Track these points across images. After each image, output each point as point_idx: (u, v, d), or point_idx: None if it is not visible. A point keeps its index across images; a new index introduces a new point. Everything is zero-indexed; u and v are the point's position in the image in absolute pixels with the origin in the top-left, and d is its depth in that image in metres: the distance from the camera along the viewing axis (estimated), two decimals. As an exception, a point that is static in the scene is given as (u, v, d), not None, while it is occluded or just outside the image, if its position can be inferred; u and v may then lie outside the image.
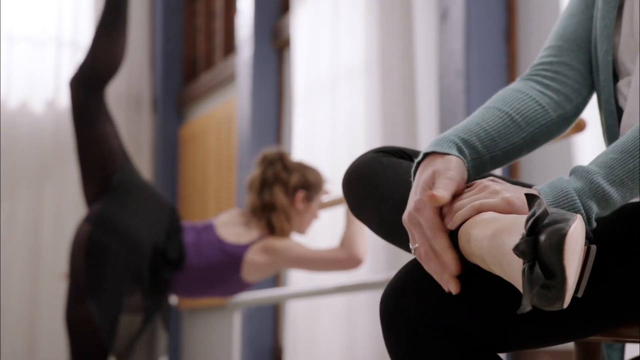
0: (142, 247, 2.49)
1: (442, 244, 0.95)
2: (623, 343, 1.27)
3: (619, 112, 1.14)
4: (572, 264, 0.85)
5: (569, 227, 0.85)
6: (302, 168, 2.75)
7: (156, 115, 6.69)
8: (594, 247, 0.90)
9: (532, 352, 2.97)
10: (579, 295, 0.90)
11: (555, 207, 0.94)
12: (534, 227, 0.86)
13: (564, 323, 0.98)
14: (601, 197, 0.95)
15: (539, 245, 0.85)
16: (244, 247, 2.62)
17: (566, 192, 0.95)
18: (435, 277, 0.97)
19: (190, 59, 6.52)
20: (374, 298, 3.47)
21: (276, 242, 2.62)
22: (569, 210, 0.94)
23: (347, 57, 3.92)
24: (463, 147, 1.06)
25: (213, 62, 6.17)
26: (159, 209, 2.58)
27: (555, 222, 0.86)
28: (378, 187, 1.13)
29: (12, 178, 6.17)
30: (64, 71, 6.39)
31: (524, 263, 0.86)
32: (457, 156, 1.03)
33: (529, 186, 1.05)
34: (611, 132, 1.15)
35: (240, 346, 3.59)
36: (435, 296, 0.98)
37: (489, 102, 1.15)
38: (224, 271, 2.60)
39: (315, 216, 2.71)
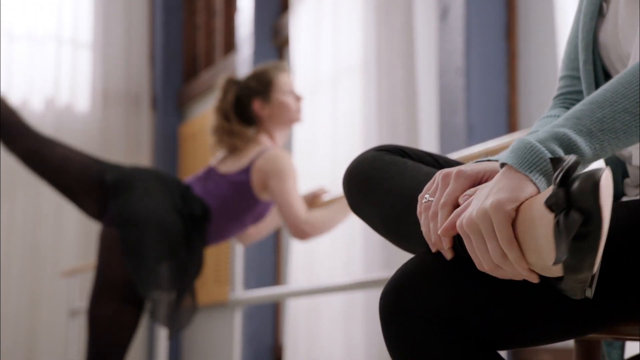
0: (171, 222, 2.56)
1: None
2: (623, 341, 1.27)
3: None
4: (607, 207, 0.84)
5: (602, 173, 0.84)
6: (247, 79, 2.81)
7: (156, 113, 6.68)
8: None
9: (533, 349, 2.97)
10: (595, 270, 0.87)
11: (524, 162, 0.91)
12: (565, 179, 0.85)
13: (564, 320, 0.98)
14: (567, 145, 0.92)
15: (572, 193, 0.84)
16: (246, 170, 2.70)
17: (529, 144, 0.92)
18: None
19: (190, 57, 6.52)
20: (373, 297, 3.48)
21: (270, 161, 2.69)
22: (538, 162, 0.91)
23: (347, 55, 3.92)
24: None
25: (213, 60, 6.16)
26: (162, 182, 2.66)
27: (583, 173, 0.85)
28: (382, 183, 1.13)
29: (12, 177, 6.17)
30: (64, 69, 6.39)
31: (556, 216, 0.85)
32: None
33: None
34: None
35: (240, 344, 3.59)
36: (435, 293, 0.98)
37: (538, 128, 1.16)
38: (240, 200, 2.69)
39: (285, 105, 2.74)
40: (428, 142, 3.64)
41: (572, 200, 0.84)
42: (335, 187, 3.44)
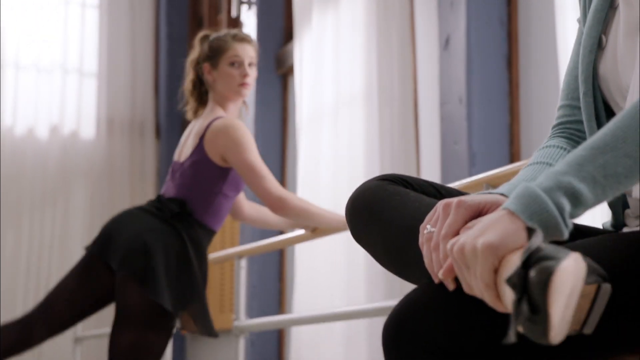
0: (160, 235, 2.54)
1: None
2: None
3: None
4: (557, 303, 0.84)
5: (558, 265, 0.84)
6: (207, 42, 2.76)
7: (160, 141, 6.72)
8: (606, 286, 0.88)
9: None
10: (587, 332, 0.89)
11: (526, 211, 0.93)
12: (528, 261, 0.87)
13: (567, 351, 0.98)
14: (571, 194, 0.92)
15: (528, 280, 0.85)
16: (198, 147, 2.63)
17: (534, 194, 0.93)
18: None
19: (194, 86, 6.56)
20: (376, 324, 3.48)
21: (219, 133, 2.60)
22: (540, 212, 0.92)
23: (349, 84, 3.96)
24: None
25: (217, 89, 6.20)
26: (136, 210, 2.65)
27: (548, 257, 0.86)
28: (384, 213, 1.14)
29: (18, 204, 6.20)
30: (69, 97, 6.44)
31: (514, 295, 0.87)
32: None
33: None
34: None
35: (244, 372, 3.59)
36: (438, 324, 0.98)
37: (538, 159, 1.17)
38: (207, 176, 2.60)
39: (227, 74, 2.68)
40: (430, 171, 3.67)
41: (527, 288, 0.86)
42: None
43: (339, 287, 3.67)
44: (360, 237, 1.20)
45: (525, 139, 3.29)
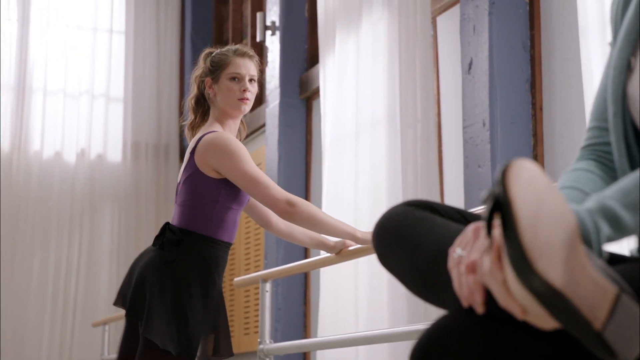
0: (167, 268, 2.49)
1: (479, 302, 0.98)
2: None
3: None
4: (515, 189, 0.89)
5: (514, 161, 0.90)
6: (203, 60, 2.74)
7: (187, 157, 6.76)
8: (627, 299, 0.89)
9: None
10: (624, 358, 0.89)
11: None
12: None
13: None
14: (612, 218, 0.96)
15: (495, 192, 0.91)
16: (190, 163, 2.58)
17: (577, 213, 0.97)
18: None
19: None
20: (399, 348, 3.48)
21: (209, 147, 2.54)
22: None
23: (372, 108, 3.98)
24: None
25: (241, 113, 6.25)
26: (146, 249, 2.64)
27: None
28: (412, 239, 1.15)
29: (46, 226, 6.27)
30: (96, 122, 6.53)
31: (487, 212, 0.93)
32: None
33: None
34: None
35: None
36: (466, 352, 0.98)
37: (566, 183, 1.18)
38: (203, 190, 2.54)
39: (227, 89, 2.62)
40: (453, 195, 3.68)
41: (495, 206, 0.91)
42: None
43: (363, 310, 3.67)
44: (387, 262, 1.21)
45: (549, 162, 3.29)
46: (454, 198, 3.69)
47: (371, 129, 3.97)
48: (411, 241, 1.14)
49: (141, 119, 6.68)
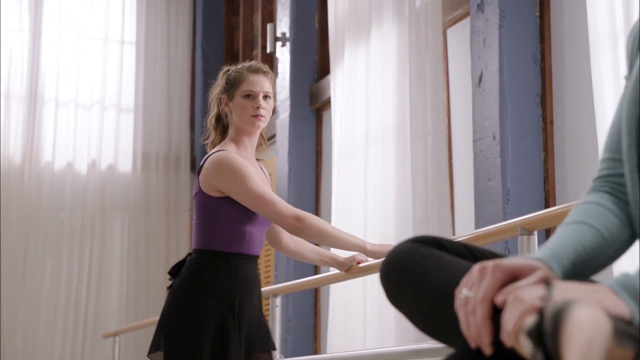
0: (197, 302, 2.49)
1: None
2: None
3: None
4: (571, 352, 0.83)
5: (570, 313, 0.83)
6: (221, 78, 2.72)
7: (195, 174, 6.78)
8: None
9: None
10: None
11: (626, 292, 0.93)
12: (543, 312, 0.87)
13: None
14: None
15: (543, 330, 0.85)
16: (197, 185, 2.58)
17: (632, 280, 0.95)
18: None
19: (229, 120, 6.63)
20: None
21: (210, 168, 2.53)
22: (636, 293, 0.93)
23: (382, 119, 3.98)
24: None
25: (252, 123, 6.26)
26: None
27: (562, 307, 0.85)
28: (419, 277, 1.15)
29: (58, 236, 6.29)
30: (107, 132, 6.55)
31: (531, 346, 0.87)
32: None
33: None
34: (637, 223, 1.15)
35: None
36: None
37: (576, 217, 1.16)
38: (212, 211, 2.53)
39: (240, 106, 2.60)
40: (463, 209, 3.66)
41: (542, 337, 0.86)
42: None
43: (372, 325, 3.67)
44: (395, 300, 1.20)
45: (560, 176, 3.27)
46: (464, 211, 3.68)
47: (381, 141, 3.96)
48: (418, 280, 1.14)
49: (152, 129, 6.70)
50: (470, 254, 1.19)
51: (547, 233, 3.16)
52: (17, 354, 6.02)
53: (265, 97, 2.65)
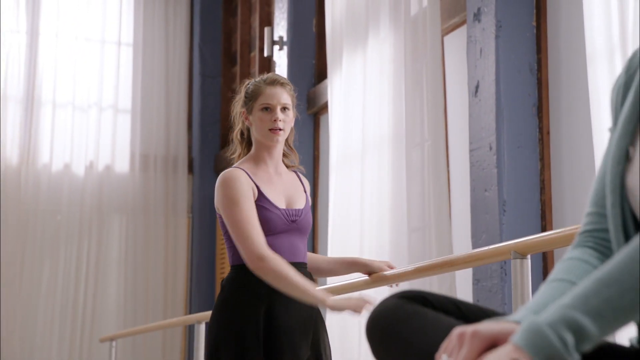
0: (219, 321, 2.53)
1: None
2: None
3: None
4: None
5: None
6: (241, 92, 2.70)
7: (193, 176, 6.78)
8: None
9: None
10: None
11: (532, 346, 0.94)
12: None
13: None
14: (576, 329, 0.94)
15: None
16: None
17: (540, 329, 0.95)
18: None
19: (228, 123, 6.62)
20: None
21: (215, 190, 2.55)
22: (544, 347, 0.94)
23: (379, 127, 3.97)
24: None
25: (250, 125, 6.25)
26: None
27: None
28: (403, 337, 1.15)
29: (55, 237, 6.29)
30: (104, 134, 6.54)
31: None
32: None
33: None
34: None
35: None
36: None
37: (559, 275, 1.16)
38: (222, 221, 2.54)
39: (258, 119, 2.57)
40: (460, 218, 3.65)
41: None
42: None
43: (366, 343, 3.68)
44: (379, 356, 1.21)
45: (556, 187, 3.26)
46: (461, 221, 3.67)
47: (378, 147, 3.96)
48: (401, 341, 1.14)
49: (149, 130, 6.69)
50: (457, 309, 1.18)
51: (543, 257, 3.16)
52: (16, 356, 6.02)
53: (284, 109, 2.63)
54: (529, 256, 1.92)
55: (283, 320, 2.46)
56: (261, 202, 2.52)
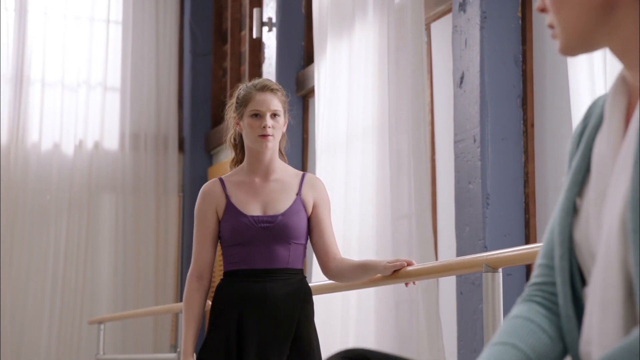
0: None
1: None
2: None
3: (579, 317, 1.11)
4: None
5: None
6: (234, 97, 2.72)
7: (184, 155, 6.76)
8: None
9: None
10: None
11: None
12: None
13: None
14: None
15: None
16: None
17: None
18: None
19: (218, 101, 6.58)
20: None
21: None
22: None
23: (363, 113, 3.94)
24: None
25: (240, 105, 6.21)
26: None
27: None
28: None
29: (45, 217, 6.28)
30: (93, 112, 6.50)
31: None
32: None
33: None
34: (570, 336, 1.12)
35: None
36: None
37: (503, 337, 1.11)
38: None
39: (248, 125, 2.58)
40: (445, 210, 3.64)
41: None
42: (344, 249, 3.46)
43: (352, 340, 3.70)
44: None
45: (540, 179, 3.25)
46: (447, 212, 3.66)
47: (362, 135, 3.93)
48: None
49: (139, 109, 6.65)
50: None
51: (526, 271, 3.15)
52: (6, 336, 6.04)
53: (274, 115, 2.59)
54: (500, 270, 1.91)
55: (252, 329, 2.53)
56: (228, 212, 2.58)
